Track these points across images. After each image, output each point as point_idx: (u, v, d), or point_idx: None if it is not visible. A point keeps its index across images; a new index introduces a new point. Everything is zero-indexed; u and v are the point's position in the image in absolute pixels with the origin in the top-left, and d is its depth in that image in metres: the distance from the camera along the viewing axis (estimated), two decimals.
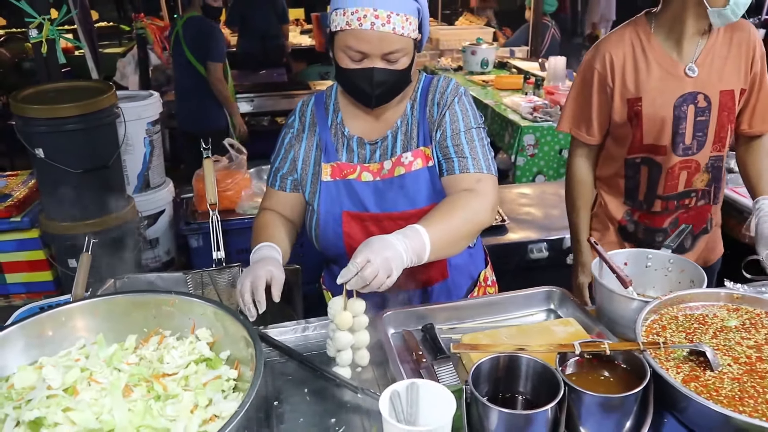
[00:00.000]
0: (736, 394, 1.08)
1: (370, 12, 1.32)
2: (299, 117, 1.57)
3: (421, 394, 0.94)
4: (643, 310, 1.26)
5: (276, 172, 1.59)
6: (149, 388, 1.09)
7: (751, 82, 1.79)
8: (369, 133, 1.53)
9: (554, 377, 1.05)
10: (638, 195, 1.89)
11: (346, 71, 1.39)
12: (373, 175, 1.51)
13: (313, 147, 1.54)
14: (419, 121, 1.52)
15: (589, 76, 1.85)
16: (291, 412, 1.20)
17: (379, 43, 1.34)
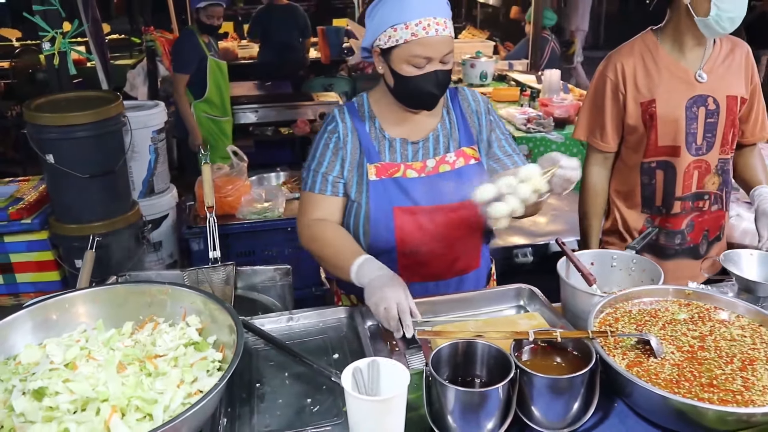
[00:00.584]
0: (674, 378, 1.18)
1: (432, 21, 1.50)
2: (341, 123, 1.68)
3: (381, 370, 1.05)
4: (598, 304, 1.37)
5: (325, 177, 1.67)
6: (142, 366, 1.20)
7: (751, 92, 1.96)
8: (410, 135, 1.68)
9: (508, 361, 1.16)
10: (655, 200, 2.01)
11: (411, 79, 1.55)
12: (417, 172, 1.65)
13: (357, 151, 1.66)
14: (458, 125, 1.71)
15: (601, 84, 2.00)
16: (271, 393, 1.31)
17: (442, 47, 1.53)
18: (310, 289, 3.18)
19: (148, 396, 1.10)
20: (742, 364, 1.22)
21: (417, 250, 1.66)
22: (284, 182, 3.80)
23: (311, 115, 5.06)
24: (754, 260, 1.65)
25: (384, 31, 1.53)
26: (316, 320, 1.56)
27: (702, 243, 2.04)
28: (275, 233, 3.03)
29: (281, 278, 2.06)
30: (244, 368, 1.40)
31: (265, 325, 1.54)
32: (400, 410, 1.02)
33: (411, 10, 1.50)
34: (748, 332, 1.33)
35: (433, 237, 1.62)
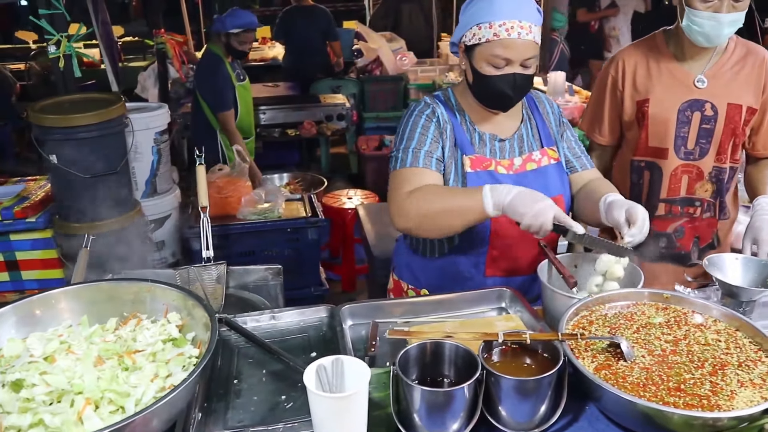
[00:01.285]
0: (641, 382, 1.18)
1: (516, 23, 1.54)
2: (440, 111, 1.69)
3: (345, 368, 1.07)
4: (572, 306, 1.38)
5: (429, 155, 1.64)
6: (120, 361, 1.24)
7: (763, 103, 1.92)
8: (499, 131, 1.73)
9: (476, 361, 1.17)
10: (641, 200, 2.01)
11: (488, 78, 1.59)
12: (505, 170, 1.69)
13: (453, 140, 1.68)
14: (538, 126, 1.77)
15: (604, 80, 2.05)
16: (247, 390, 1.34)
17: (523, 51, 1.56)
18: (309, 289, 3.23)
19: (121, 389, 1.13)
20: (713, 368, 1.22)
21: (507, 245, 1.71)
22: (287, 183, 3.86)
23: (318, 117, 5.10)
24: (739, 265, 1.65)
25: (470, 28, 1.59)
26: (297, 319, 1.59)
27: (693, 250, 2.03)
28: (275, 233, 3.07)
29: (273, 278, 2.09)
30: (224, 364, 1.43)
31: (248, 323, 1.57)
32: (362, 407, 1.04)
33: (497, 11, 1.54)
34: (724, 336, 1.33)
35: (521, 232, 1.59)
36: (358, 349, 1.47)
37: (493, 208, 1.49)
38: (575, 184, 1.79)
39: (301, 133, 5.02)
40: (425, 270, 1.82)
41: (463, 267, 1.74)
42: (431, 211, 1.56)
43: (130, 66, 6.51)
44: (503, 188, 1.49)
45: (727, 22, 1.74)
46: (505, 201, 1.47)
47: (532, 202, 1.45)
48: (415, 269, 1.85)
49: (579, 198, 1.78)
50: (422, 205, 1.57)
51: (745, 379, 1.19)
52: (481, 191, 1.50)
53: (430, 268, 1.81)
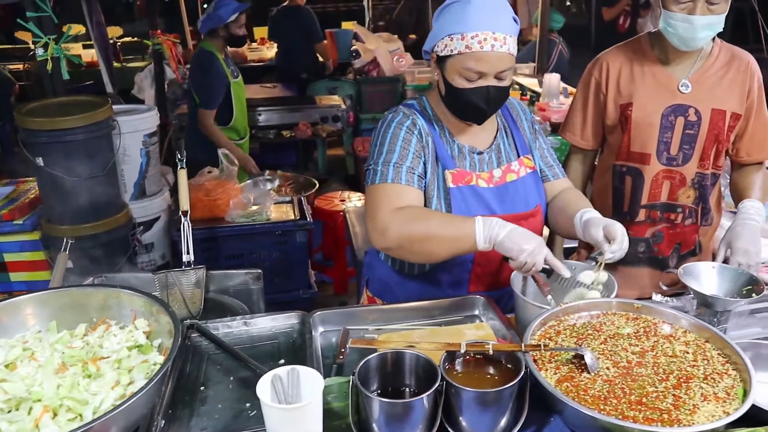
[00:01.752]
0: (603, 395, 1.17)
1: (490, 35, 1.48)
2: (420, 123, 1.63)
3: (301, 378, 1.07)
4: (539, 317, 1.37)
5: (410, 171, 1.57)
6: (84, 368, 1.24)
7: (747, 109, 1.90)
8: (476, 143, 1.69)
9: (436, 371, 1.17)
10: (623, 206, 2.01)
11: (461, 91, 1.54)
12: (486, 182, 1.65)
13: (434, 154, 1.62)
14: (514, 134, 1.73)
15: (587, 83, 2.02)
16: (213, 397, 1.34)
17: (497, 63, 1.51)
18: (298, 292, 3.23)
19: (81, 397, 1.13)
20: (678, 381, 1.21)
21: (492, 261, 1.66)
22: (279, 185, 3.85)
23: (313, 118, 5.10)
24: (715, 273, 1.63)
25: (442, 39, 1.54)
26: (269, 325, 1.59)
27: (672, 256, 2.01)
28: (263, 236, 3.07)
29: (253, 282, 2.08)
30: (193, 371, 1.43)
31: (221, 329, 1.57)
32: (315, 418, 1.04)
33: (470, 22, 1.49)
34: (692, 348, 1.32)
35: None
36: (327, 356, 1.47)
37: (484, 241, 1.45)
38: (548, 194, 1.77)
39: (297, 134, 5.03)
40: (404, 287, 1.74)
41: (446, 284, 1.69)
42: (417, 235, 1.49)
43: (128, 66, 6.53)
44: (495, 222, 1.45)
45: (700, 25, 1.71)
46: (498, 237, 1.43)
47: (526, 239, 1.43)
48: (392, 285, 1.77)
49: (552, 210, 1.75)
50: (408, 228, 1.49)
51: (709, 393, 1.18)
52: (473, 223, 1.45)
53: (408, 285, 1.74)
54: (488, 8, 1.50)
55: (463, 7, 1.50)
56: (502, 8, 1.52)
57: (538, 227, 1.71)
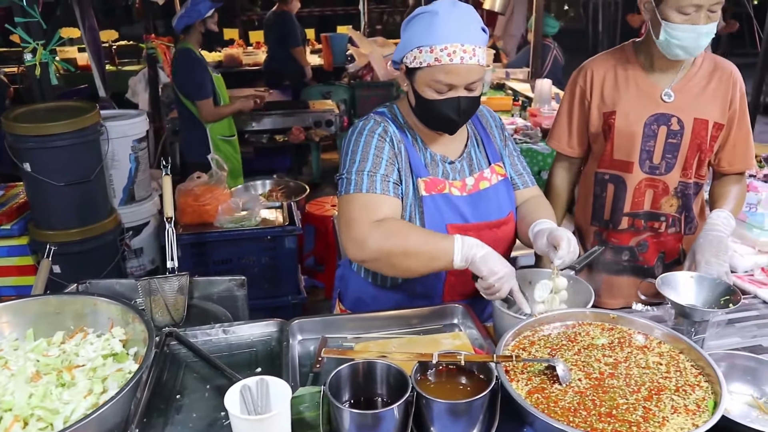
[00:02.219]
0: (573, 407, 1.18)
1: (459, 47, 1.46)
2: (392, 131, 1.62)
3: (270, 388, 1.08)
4: (513, 327, 1.38)
5: (385, 179, 1.56)
6: (59, 376, 1.25)
7: (729, 119, 1.90)
8: (448, 152, 1.69)
9: (407, 381, 1.18)
10: (604, 214, 2.01)
11: (431, 103, 1.53)
12: (459, 191, 1.65)
13: (408, 161, 1.62)
14: (484, 142, 1.73)
15: (572, 91, 2.02)
16: (188, 405, 1.34)
17: (466, 75, 1.50)
18: (287, 297, 3.23)
19: (52, 406, 1.14)
20: (649, 393, 1.22)
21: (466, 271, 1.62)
22: (270, 190, 3.86)
23: (307, 122, 5.11)
24: (693, 283, 1.64)
25: (411, 50, 1.52)
26: (248, 333, 1.59)
27: (657, 265, 2.02)
28: (252, 242, 3.07)
29: (237, 289, 2.09)
30: (170, 379, 1.44)
31: (199, 337, 1.58)
32: (283, 428, 1.04)
33: (437, 34, 1.47)
34: (666, 359, 1.33)
35: None
36: (305, 365, 1.47)
37: (461, 260, 1.45)
38: (516, 202, 1.78)
39: (290, 139, 5.04)
40: (378, 299, 1.73)
41: (420, 295, 1.69)
42: (396, 251, 1.48)
43: (124, 70, 6.54)
44: (473, 243, 1.46)
45: (704, 33, 1.72)
46: (475, 258, 1.44)
47: (500, 264, 1.44)
48: (366, 299, 1.76)
49: (518, 216, 1.76)
50: (387, 241, 1.48)
51: (680, 405, 1.19)
52: (452, 242, 1.45)
53: (382, 298, 1.72)
54: (457, 19, 1.48)
55: (431, 19, 1.49)
56: (470, 19, 1.51)
57: (511, 234, 1.72)
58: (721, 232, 1.81)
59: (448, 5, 1.51)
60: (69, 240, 2.62)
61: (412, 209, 1.61)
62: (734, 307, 1.54)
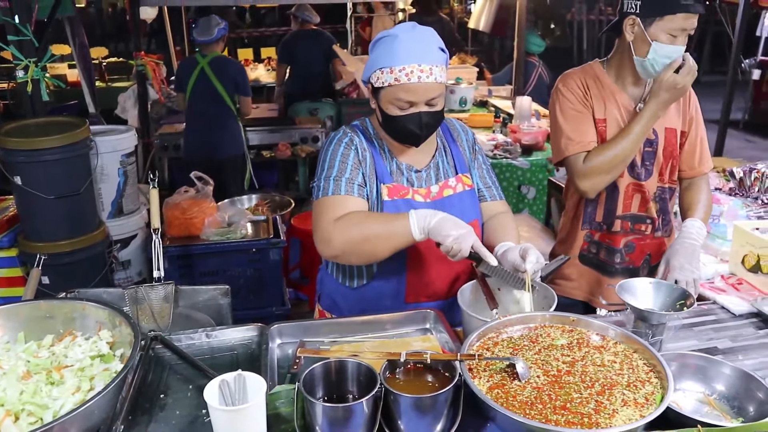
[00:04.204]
0: (530, 401, 1.26)
1: (416, 68, 1.59)
2: (357, 138, 1.75)
3: (247, 383, 1.16)
4: (478, 329, 1.47)
5: (350, 182, 1.69)
6: (48, 375, 1.32)
7: (688, 126, 2.06)
8: (415, 162, 1.80)
9: (376, 378, 1.26)
10: (596, 216, 2.12)
11: (395, 118, 1.66)
12: (423, 197, 1.76)
13: (373, 168, 1.74)
14: (453, 153, 1.84)
15: (566, 97, 2.04)
16: (172, 404, 1.42)
17: (424, 92, 1.62)
18: (271, 309, 3.30)
19: (42, 402, 1.21)
20: (602, 388, 1.31)
21: (424, 271, 1.77)
22: (256, 204, 3.94)
23: (293, 139, 5.21)
24: (651, 289, 1.74)
25: (374, 71, 1.65)
26: (230, 337, 1.67)
27: (643, 267, 2.13)
28: (238, 254, 3.15)
29: (221, 297, 2.16)
30: (154, 380, 1.51)
31: (183, 341, 1.65)
32: (259, 419, 1.12)
33: (396, 56, 1.60)
34: (620, 358, 1.42)
35: (438, 258, 1.70)
36: (283, 366, 1.55)
37: (419, 232, 1.57)
38: (484, 214, 1.88)
39: (276, 155, 5.13)
40: (347, 299, 1.85)
41: (384, 295, 1.80)
42: (357, 237, 1.61)
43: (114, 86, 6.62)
44: (427, 213, 1.57)
45: (681, 54, 1.88)
46: (430, 224, 1.55)
47: (455, 226, 1.54)
48: (337, 299, 1.89)
49: (485, 231, 1.86)
50: (348, 232, 1.61)
51: (630, 399, 1.28)
52: (407, 217, 1.58)
53: (351, 297, 1.85)
54: (414, 42, 1.61)
55: (391, 42, 1.62)
56: (427, 40, 1.64)
57: None
58: (695, 241, 1.94)
59: (407, 28, 1.65)
60: (58, 251, 2.69)
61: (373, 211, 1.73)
62: (689, 310, 1.63)
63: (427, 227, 1.56)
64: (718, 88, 2.11)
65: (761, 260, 2.06)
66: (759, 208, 2.71)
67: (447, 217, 1.56)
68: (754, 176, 2.81)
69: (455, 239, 1.53)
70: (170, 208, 3.09)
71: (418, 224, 1.56)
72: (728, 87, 4.01)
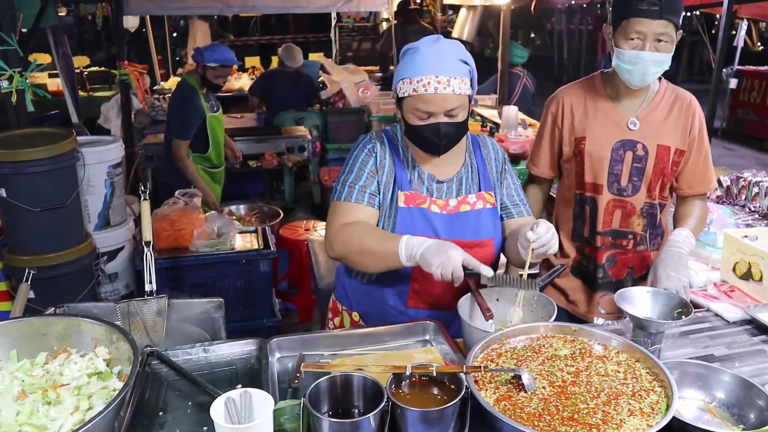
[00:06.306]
0: (538, 412, 1.26)
1: (433, 79, 1.62)
2: (379, 144, 1.81)
3: (253, 400, 1.14)
4: (482, 340, 1.46)
5: (362, 190, 1.76)
6: (44, 395, 1.28)
7: (689, 145, 2.04)
8: (438, 173, 1.81)
9: (383, 392, 1.25)
10: (584, 231, 2.13)
11: (416, 128, 1.70)
12: (440, 209, 1.78)
13: (391, 175, 1.78)
14: (479, 170, 1.85)
15: (545, 117, 2.16)
16: (171, 421, 1.39)
17: (442, 103, 1.65)
18: (261, 320, 3.27)
19: (40, 423, 1.18)
20: (608, 398, 1.31)
21: (428, 279, 1.74)
22: (245, 215, 3.91)
23: (279, 148, 5.19)
24: (648, 297, 1.75)
25: (398, 82, 1.70)
26: (228, 351, 1.64)
27: (626, 280, 2.14)
28: (227, 265, 3.12)
29: (215, 311, 2.13)
30: (152, 396, 1.48)
31: (180, 356, 1.62)
32: None
33: (415, 68, 1.65)
34: (623, 368, 1.42)
35: None
36: (283, 381, 1.53)
37: (407, 259, 1.60)
38: (508, 229, 1.88)
39: (263, 164, 5.10)
40: (356, 293, 1.91)
41: (388, 296, 1.83)
42: (355, 249, 1.68)
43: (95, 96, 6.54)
44: (416, 242, 1.59)
45: (650, 61, 1.86)
46: (416, 255, 1.58)
47: (438, 253, 1.55)
48: (348, 291, 1.94)
49: (508, 241, 1.87)
50: (348, 242, 1.69)
51: (636, 408, 1.28)
52: (398, 242, 1.60)
53: (360, 291, 1.90)
54: (433, 54, 1.65)
55: (413, 54, 1.67)
56: (448, 52, 1.67)
57: (485, 257, 1.80)
58: (681, 249, 1.94)
59: (430, 41, 1.69)
60: (44, 265, 2.63)
61: (387, 218, 1.77)
62: (686, 318, 1.64)
63: (414, 257, 1.59)
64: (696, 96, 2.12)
65: (752, 268, 2.08)
66: (747, 215, 2.75)
67: (431, 245, 1.57)
68: (741, 184, 2.86)
69: (438, 266, 1.54)
70: (159, 220, 3.04)
71: (406, 252, 1.60)
72: (711, 97, 4.07)
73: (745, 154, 8.71)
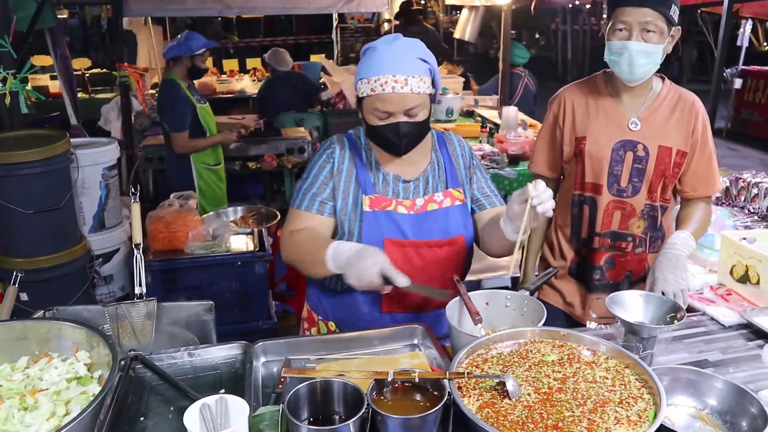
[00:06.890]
0: (521, 420, 1.23)
1: (390, 78, 1.60)
2: (338, 150, 1.79)
3: (229, 406, 1.12)
4: (468, 345, 1.44)
5: (314, 197, 1.76)
6: (21, 400, 1.27)
7: (692, 146, 2.01)
8: (403, 173, 1.79)
9: (363, 398, 1.22)
10: (582, 232, 2.10)
11: (375, 128, 1.68)
12: (407, 209, 1.76)
13: (352, 180, 1.76)
14: (446, 168, 1.83)
15: (548, 116, 2.15)
16: (152, 426, 1.37)
17: (401, 102, 1.62)
18: (257, 323, 3.26)
19: (14, 429, 1.16)
20: (594, 406, 1.28)
21: None
22: (242, 217, 3.89)
23: (279, 150, 5.18)
24: (641, 301, 1.72)
25: (358, 82, 1.68)
26: (213, 355, 1.62)
27: (623, 282, 2.11)
28: (222, 268, 3.10)
29: (205, 314, 2.11)
30: (134, 401, 1.46)
31: (165, 360, 1.60)
32: None
33: (372, 67, 1.63)
34: (612, 374, 1.39)
35: (418, 270, 1.70)
36: (268, 385, 1.51)
37: (335, 268, 1.58)
38: (483, 221, 1.84)
39: (263, 166, 5.09)
40: (329, 302, 1.88)
41: (361, 303, 1.81)
42: (294, 257, 1.73)
43: (97, 98, 6.55)
44: (344, 248, 1.57)
45: (635, 51, 1.84)
46: (342, 262, 1.55)
47: (356, 263, 1.52)
48: (323, 301, 1.91)
49: (483, 231, 1.83)
50: (290, 249, 1.74)
51: (623, 416, 1.25)
52: (328, 248, 1.58)
53: (333, 300, 1.87)
54: (391, 53, 1.63)
55: (371, 54, 1.66)
56: (406, 51, 1.64)
57: (456, 256, 1.79)
58: (679, 251, 1.90)
59: (388, 40, 1.67)
60: (37, 267, 2.62)
61: (352, 223, 1.74)
62: (679, 323, 1.61)
63: (340, 265, 1.57)
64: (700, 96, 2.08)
65: (749, 270, 2.05)
66: (746, 217, 2.72)
67: (351, 255, 1.55)
68: (741, 185, 2.82)
69: (356, 277, 1.52)
70: (153, 222, 3.03)
71: (334, 260, 1.58)
72: (712, 97, 4.03)
73: (749, 155, 8.64)
